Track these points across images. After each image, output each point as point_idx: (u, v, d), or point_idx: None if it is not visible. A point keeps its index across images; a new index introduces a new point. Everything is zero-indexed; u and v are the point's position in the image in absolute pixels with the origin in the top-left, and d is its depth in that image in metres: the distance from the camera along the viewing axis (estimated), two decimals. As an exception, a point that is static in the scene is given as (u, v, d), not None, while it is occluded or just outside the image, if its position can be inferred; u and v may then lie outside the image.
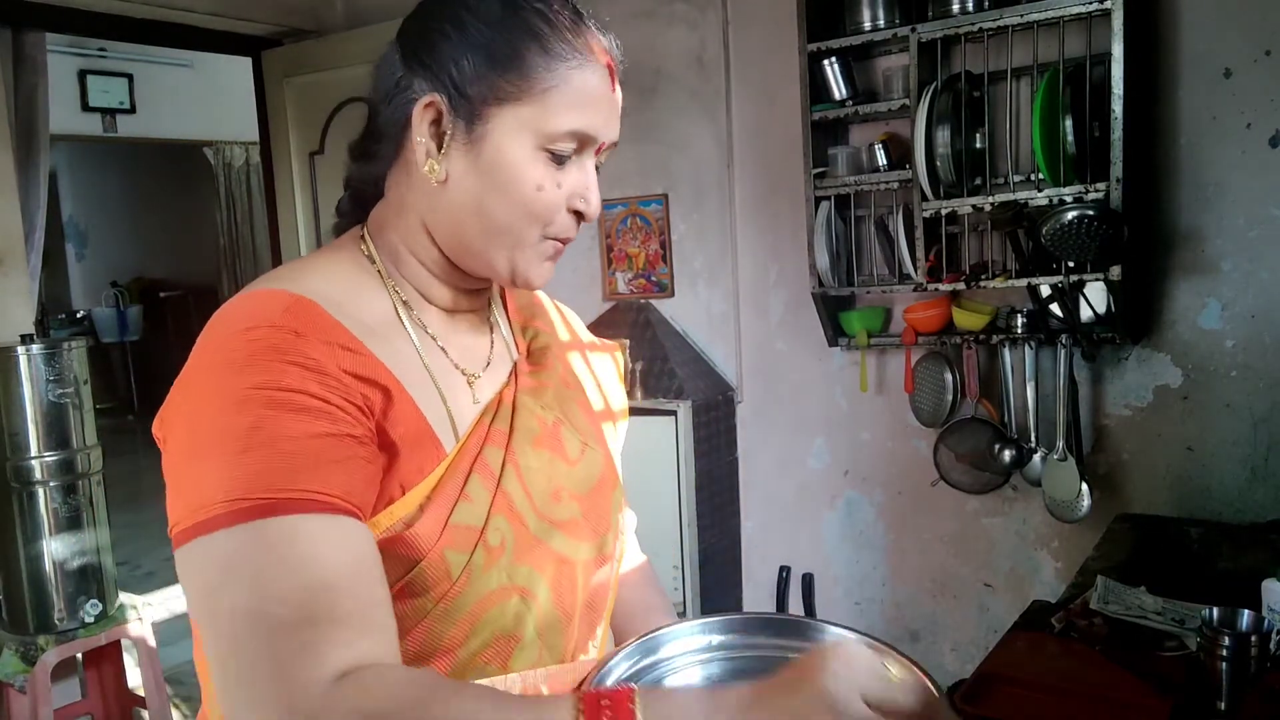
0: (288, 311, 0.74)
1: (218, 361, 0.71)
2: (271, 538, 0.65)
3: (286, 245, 3.56)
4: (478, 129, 0.78)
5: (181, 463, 0.70)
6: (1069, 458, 2.26)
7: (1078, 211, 2.01)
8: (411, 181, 0.83)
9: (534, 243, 0.82)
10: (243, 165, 7.42)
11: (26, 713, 2.29)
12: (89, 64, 5.91)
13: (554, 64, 0.78)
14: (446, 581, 0.77)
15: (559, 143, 0.79)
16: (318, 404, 0.70)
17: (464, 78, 0.78)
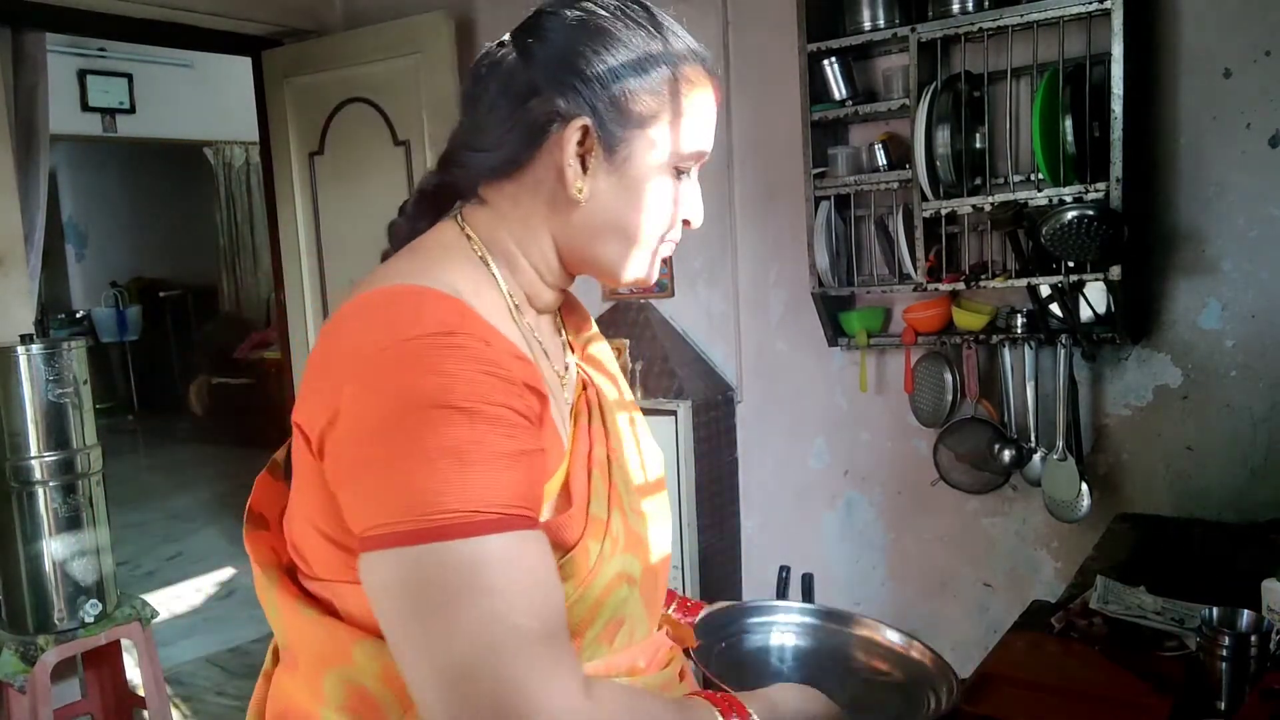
0: (465, 318, 0.74)
1: (421, 363, 0.69)
2: (510, 551, 0.67)
3: (286, 245, 3.56)
4: (620, 151, 0.84)
5: (394, 461, 0.68)
6: (1069, 458, 2.26)
7: (1078, 211, 2.01)
8: (539, 195, 0.85)
9: (656, 248, 0.90)
10: (243, 165, 7.43)
11: (26, 713, 2.29)
12: (89, 64, 5.91)
13: (689, 89, 0.86)
14: (585, 570, 0.81)
15: (687, 161, 0.88)
16: (520, 421, 0.72)
17: (610, 103, 0.82)
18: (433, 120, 3.11)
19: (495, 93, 0.85)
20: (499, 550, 0.67)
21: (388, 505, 0.67)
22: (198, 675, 3.44)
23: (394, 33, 3.11)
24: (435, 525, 0.66)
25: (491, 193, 0.87)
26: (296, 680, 0.84)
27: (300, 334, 3.60)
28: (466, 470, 0.67)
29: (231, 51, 3.55)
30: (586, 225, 0.85)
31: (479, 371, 0.70)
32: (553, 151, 0.83)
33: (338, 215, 3.42)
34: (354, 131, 3.31)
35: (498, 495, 0.68)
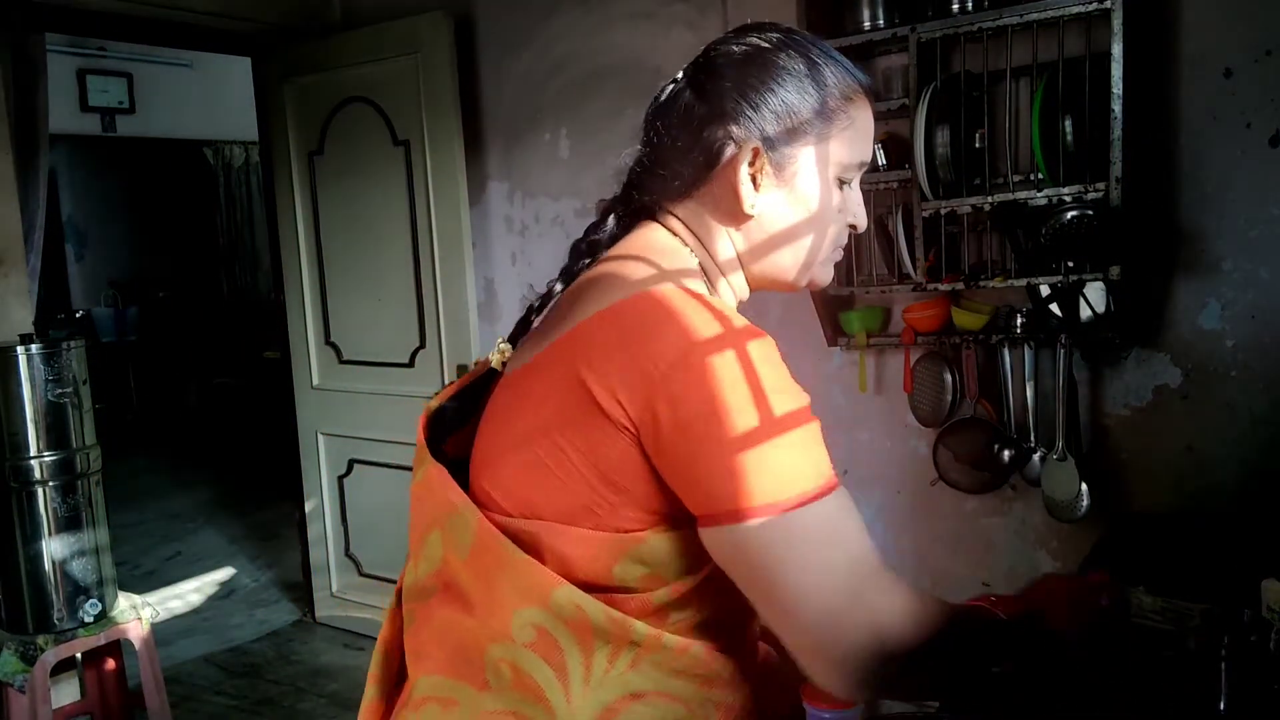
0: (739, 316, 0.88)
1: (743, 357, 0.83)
2: (843, 508, 0.82)
3: (286, 245, 3.56)
4: (789, 168, 0.94)
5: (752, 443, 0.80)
6: (1068, 457, 2.26)
7: (1077, 211, 2.01)
8: (720, 210, 0.96)
9: (829, 253, 1.00)
10: (242, 165, 7.43)
11: (26, 712, 2.29)
12: (88, 64, 5.90)
13: (848, 107, 0.95)
14: None
15: (850, 171, 0.97)
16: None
17: (780, 125, 0.93)
18: (432, 120, 3.10)
19: (676, 124, 0.96)
20: (838, 508, 0.82)
21: (758, 481, 0.79)
22: (197, 675, 3.44)
23: (393, 32, 3.11)
24: (807, 495, 0.80)
25: (678, 209, 0.98)
26: (474, 611, 0.88)
27: (300, 334, 3.60)
28: (809, 446, 0.82)
29: (231, 51, 3.55)
30: (759, 235, 0.96)
31: (778, 358, 0.85)
32: (728, 172, 0.93)
33: (337, 215, 3.42)
34: (353, 131, 3.31)
35: (827, 465, 0.83)
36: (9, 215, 2.67)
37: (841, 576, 0.80)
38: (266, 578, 4.40)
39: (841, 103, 0.94)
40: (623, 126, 2.84)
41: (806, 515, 0.79)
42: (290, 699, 3.22)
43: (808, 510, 0.80)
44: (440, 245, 3.15)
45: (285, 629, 3.83)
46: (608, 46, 2.97)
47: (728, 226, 0.97)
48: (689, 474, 0.82)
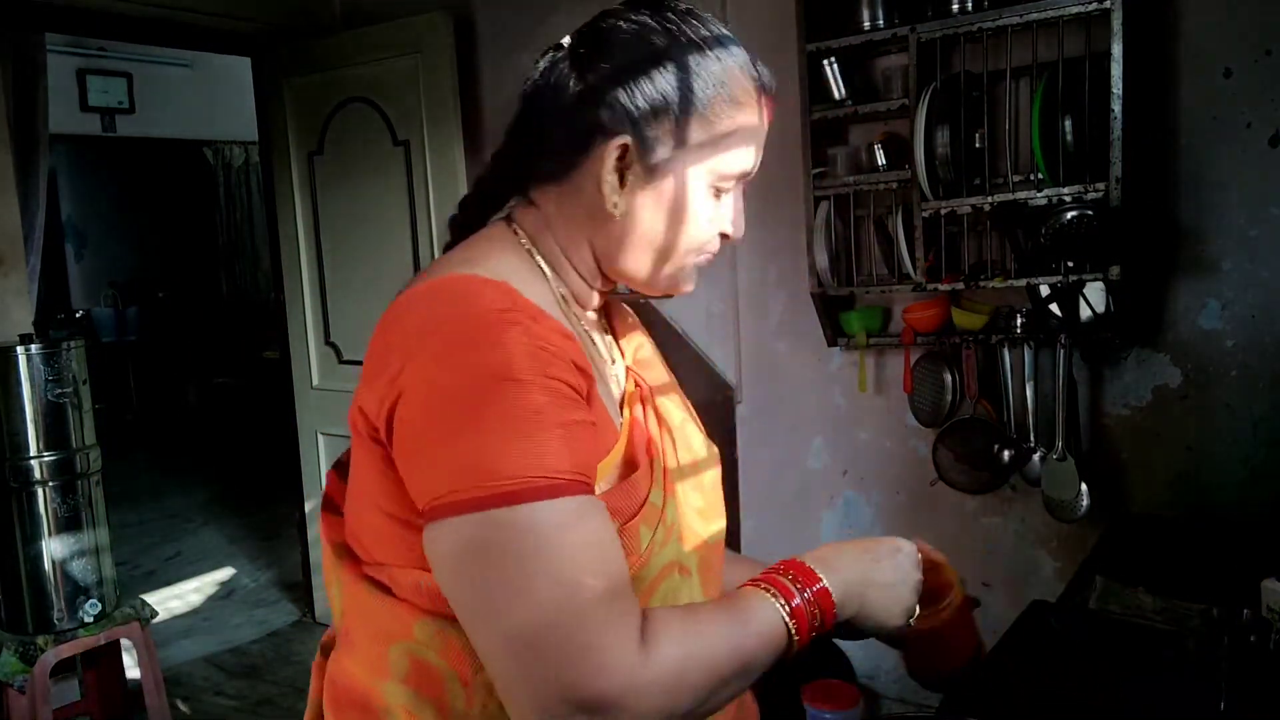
0: (515, 299, 0.77)
1: (477, 339, 0.73)
2: (570, 515, 0.70)
3: (286, 245, 3.56)
4: (661, 169, 0.85)
5: (455, 433, 0.71)
6: (1068, 457, 2.26)
7: (1077, 211, 2.01)
8: (581, 203, 0.87)
9: (691, 261, 0.91)
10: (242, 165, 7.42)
11: (25, 712, 2.29)
12: (88, 64, 5.90)
13: (734, 112, 0.86)
14: (636, 555, 0.82)
15: (728, 181, 0.88)
16: (572, 394, 0.75)
17: (655, 122, 0.84)
18: (432, 120, 3.11)
19: (549, 98, 0.87)
20: (559, 514, 0.70)
21: (452, 475, 0.70)
22: (197, 675, 3.44)
23: (393, 32, 3.11)
24: (499, 491, 0.68)
25: (539, 195, 0.90)
26: (356, 657, 0.86)
27: (300, 334, 3.60)
28: (526, 439, 0.70)
29: (231, 51, 3.55)
30: (622, 238, 0.87)
31: (533, 346, 0.73)
32: (594, 164, 0.85)
33: (337, 215, 3.42)
34: (353, 131, 3.31)
35: (556, 462, 0.70)
36: (9, 215, 2.67)
37: (536, 606, 0.67)
38: (266, 578, 4.40)
39: (728, 106, 0.85)
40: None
41: (530, 514, 0.69)
42: (290, 699, 3.22)
43: (512, 512, 0.68)
44: (440, 246, 3.15)
45: (285, 629, 3.83)
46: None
47: (588, 221, 0.88)
48: (405, 473, 0.75)
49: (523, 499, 0.69)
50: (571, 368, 0.76)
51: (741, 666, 0.77)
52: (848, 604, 0.87)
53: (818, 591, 0.84)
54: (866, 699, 2.96)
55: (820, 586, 0.84)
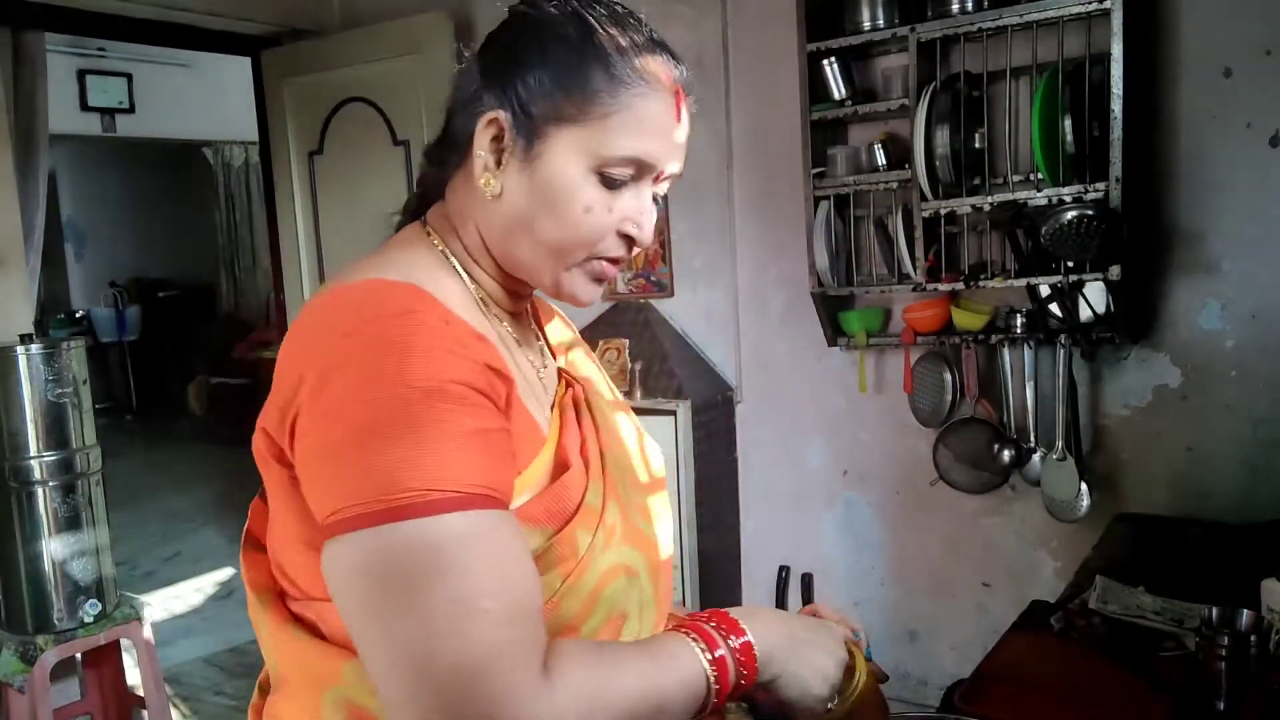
0: (423, 300, 0.74)
1: (378, 344, 0.69)
2: (470, 532, 0.66)
3: (286, 245, 3.56)
4: (536, 147, 0.80)
5: (351, 444, 0.67)
6: (1068, 457, 2.26)
7: (1077, 211, 2.01)
8: (471, 190, 0.84)
9: (579, 262, 0.83)
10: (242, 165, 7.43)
11: (25, 713, 2.29)
12: (88, 64, 5.90)
13: (617, 89, 0.79)
14: (573, 559, 0.79)
15: (613, 168, 0.80)
16: (481, 400, 0.71)
17: (529, 96, 0.80)
18: (432, 120, 3.09)
19: (457, 86, 0.85)
20: (459, 530, 0.65)
21: (346, 489, 0.66)
22: (197, 675, 3.44)
23: (393, 33, 3.11)
24: (392, 505, 0.64)
25: (449, 189, 0.88)
26: (292, 706, 0.82)
27: (300, 334, 3.60)
28: (425, 449, 0.65)
29: (230, 51, 3.55)
30: (500, 222, 0.83)
31: (439, 349, 0.69)
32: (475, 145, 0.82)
33: (337, 215, 3.42)
34: (353, 131, 3.31)
35: (458, 474, 0.66)
36: (9, 215, 2.66)
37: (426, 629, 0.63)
38: (266, 578, 4.39)
39: (614, 85, 0.79)
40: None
41: (428, 528, 0.64)
42: (290, 699, 3.22)
43: (406, 527, 0.64)
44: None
45: (285, 629, 3.83)
46: (607, 46, 2.97)
47: (479, 208, 0.84)
48: (306, 490, 0.71)
49: (419, 513, 0.64)
50: (485, 371, 0.72)
51: (656, 711, 0.72)
52: (772, 663, 0.81)
53: (743, 645, 0.79)
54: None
55: (745, 640, 0.79)
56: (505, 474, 0.72)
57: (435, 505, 0.64)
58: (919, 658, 2.70)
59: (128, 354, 8.26)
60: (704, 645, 0.77)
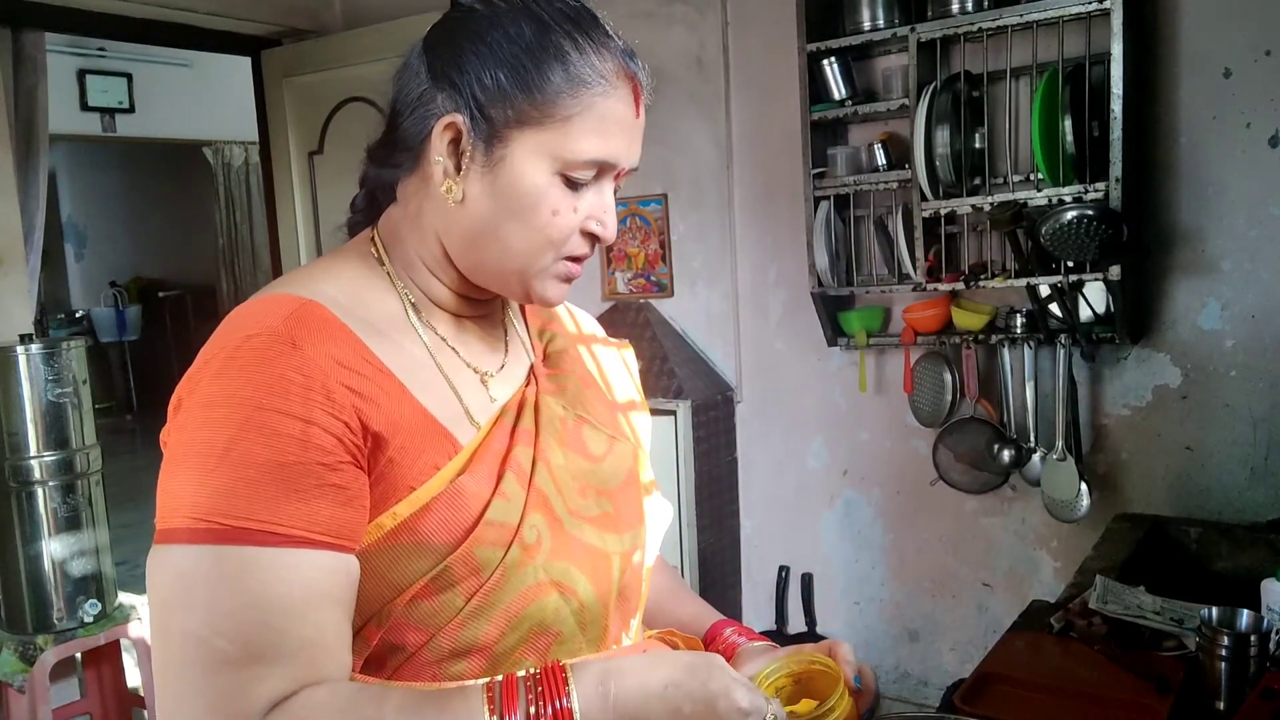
0: (291, 318, 0.74)
1: (213, 368, 0.73)
2: (225, 567, 0.67)
3: (286, 245, 3.56)
4: (497, 151, 0.78)
5: (166, 464, 0.72)
6: (1068, 457, 2.26)
7: (1077, 211, 2.01)
8: (428, 195, 0.82)
9: (548, 265, 0.82)
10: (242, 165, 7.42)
11: (25, 712, 2.29)
12: (88, 64, 5.90)
13: (578, 90, 0.78)
14: (476, 578, 0.77)
15: (578, 170, 0.79)
16: (294, 424, 0.70)
17: (487, 99, 0.78)
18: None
19: (401, 84, 0.83)
20: (200, 562, 0.66)
21: (159, 505, 0.70)
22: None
23: (393, 32, 3.11)
24: (162, 529, 0.68)
25: (400, 190, 0.86)
26: None
27: (300, 334, 3.60)
28: (204, 475, 0.68)
29: (231, 51, 3.54)
30: (463, 228, 0.81)
31: (269, 374, 0.70)
32: (431, 149, 0.80)
33: (337, 215, 3.37)
34: (353, 131, 3.31)
35: (227, 505, 0.67)
36: (9, 215, 2.66)
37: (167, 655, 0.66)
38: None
39: (573, 85, 0.77)
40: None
41: (173, 556, 0.68)
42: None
43: (175, 551, 0.67)
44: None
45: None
46: (608, 46, 2.97)
47: (437, 214, 0.82)
48: None
49: (178, 539, 0.67)
50: (328, 398, 0.72)
51: None
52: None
53: (558, 712, 0.69)
54: (866, 699, 2.93)
55: (564, 706, 0.69)
56: (303, 507, 0.69)
57: (181, 534, 0.67)
58: (919, 658, 2.70)
59: (128, 354, 8.26)
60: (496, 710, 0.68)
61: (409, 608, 0.76)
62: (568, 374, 0.95)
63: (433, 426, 0.79)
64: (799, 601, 2.84)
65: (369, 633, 0.77)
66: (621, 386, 1.04)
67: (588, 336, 1.05)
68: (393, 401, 0.77)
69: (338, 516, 0.71)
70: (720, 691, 0.72)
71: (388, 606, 0.76)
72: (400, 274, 0.85)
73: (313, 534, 0.69)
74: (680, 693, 0.72)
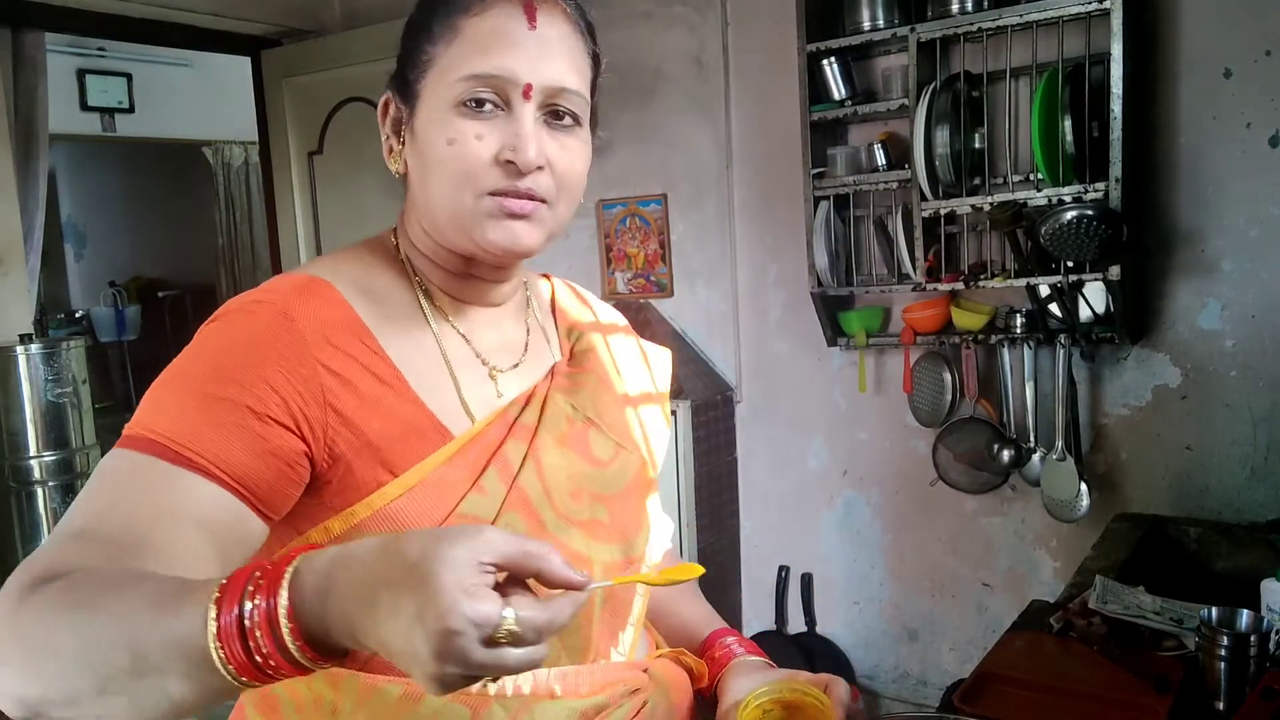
0: (294, 291, 0.78)
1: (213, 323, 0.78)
2: (128, 468, 0.71)
3: (286, 245, 3.56)
4: (415, 109, 0.81)
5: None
6: (1068, 457, 2.26)
7: (1077, 211, 2.01)
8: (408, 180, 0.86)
9: (471, 205, 0.78)
10: (242, 165, 7.41)
11: (25, 712, 2.29)
12: (88, 63, 5.90)
13: (455, 18, 0.79)
14: None
15: (466, 93, 0.77)
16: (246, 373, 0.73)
17: (403, 65, 0.83)
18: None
19: None
20: (115, 463, 0.71)
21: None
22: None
23: (393, 33, 3.07)
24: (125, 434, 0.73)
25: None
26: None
27: (299, 334, 3.60)
28: (154, 394, 0.74)
29: (231, 51, 3.54)
30: (414, 198, 0.85)
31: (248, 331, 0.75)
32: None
33: (337, 215, 3.42)
34: (353, 131, 3.31)
35: (156, 421, 0.71)
36: (9, 215, 2.66)
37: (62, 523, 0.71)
38: (266, 578, 4.38)
39: (451, 15, 0.79)
40: (622, 126, 2.84)
41: (106, 458, 0.73)
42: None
43: (110, 454, 0.73)
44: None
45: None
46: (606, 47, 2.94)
47: (409, 195, 0.87)
48: None
49: (119, 445, 0.72)
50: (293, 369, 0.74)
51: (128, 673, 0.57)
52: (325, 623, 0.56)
53: (270, 609, 0.56)
54: (866, 698, 2.96)
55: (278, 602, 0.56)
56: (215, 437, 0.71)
57: (122, 441, 0.72)
58: (919, 658, 2.70)
59: (127, 354, 8.25)
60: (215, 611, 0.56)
61: None
62: (588, 374, 0.95)
63: (424, 416, 0.80)
64: (799, 601, 2.84)
65: None
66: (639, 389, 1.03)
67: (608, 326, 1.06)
68: (381, 386, 0.78)
69: (247, 464, 0.72)
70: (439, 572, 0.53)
71: None
72: (412, 264, 0.88)
73: (216, 467, 0.70)
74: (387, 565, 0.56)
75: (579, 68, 0.81)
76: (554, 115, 0.80)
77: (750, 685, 0.89)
